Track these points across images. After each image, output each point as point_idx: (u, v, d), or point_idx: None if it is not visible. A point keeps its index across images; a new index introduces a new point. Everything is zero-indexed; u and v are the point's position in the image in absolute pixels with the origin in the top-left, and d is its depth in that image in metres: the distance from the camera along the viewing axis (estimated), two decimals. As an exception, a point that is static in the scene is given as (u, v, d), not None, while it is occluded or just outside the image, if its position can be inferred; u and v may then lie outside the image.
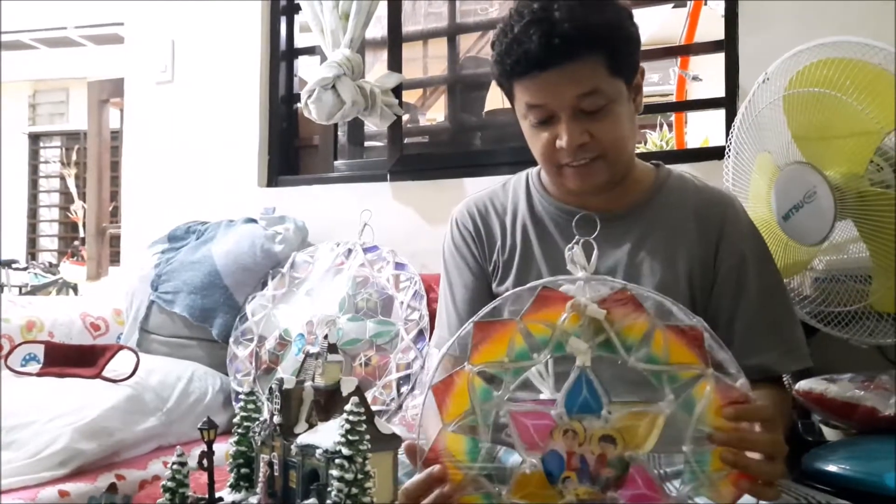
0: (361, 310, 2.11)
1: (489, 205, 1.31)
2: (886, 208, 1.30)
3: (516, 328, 0.93)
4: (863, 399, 1.50)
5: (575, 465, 0.90)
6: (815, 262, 1.54)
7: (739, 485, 0.88)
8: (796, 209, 1.39)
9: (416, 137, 2.88)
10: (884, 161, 1.36)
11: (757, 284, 1.19)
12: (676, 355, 0.90)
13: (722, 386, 0.89)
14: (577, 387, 0.90)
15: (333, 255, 2.26)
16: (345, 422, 0.71)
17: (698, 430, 0.89)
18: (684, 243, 1.20)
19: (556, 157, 1.18)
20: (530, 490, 0.92)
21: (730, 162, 1.61)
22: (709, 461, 0.89)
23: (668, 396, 0.89)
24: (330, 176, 2.62)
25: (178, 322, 2.30)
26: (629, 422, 0.89)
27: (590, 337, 0.90)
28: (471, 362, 0.94)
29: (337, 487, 0.70)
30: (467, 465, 0.94)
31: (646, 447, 0.89)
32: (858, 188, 1.33)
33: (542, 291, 0.93)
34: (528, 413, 0.92)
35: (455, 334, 0.96)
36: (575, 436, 0.90)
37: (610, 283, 0.93)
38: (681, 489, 0.90)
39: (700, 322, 0.90)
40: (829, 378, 1.60)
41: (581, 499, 0.90)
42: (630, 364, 0.90)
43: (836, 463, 1.39)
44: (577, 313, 0.90)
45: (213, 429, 0.85)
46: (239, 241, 2.31)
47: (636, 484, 0.89)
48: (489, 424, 0.94)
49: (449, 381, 0.95)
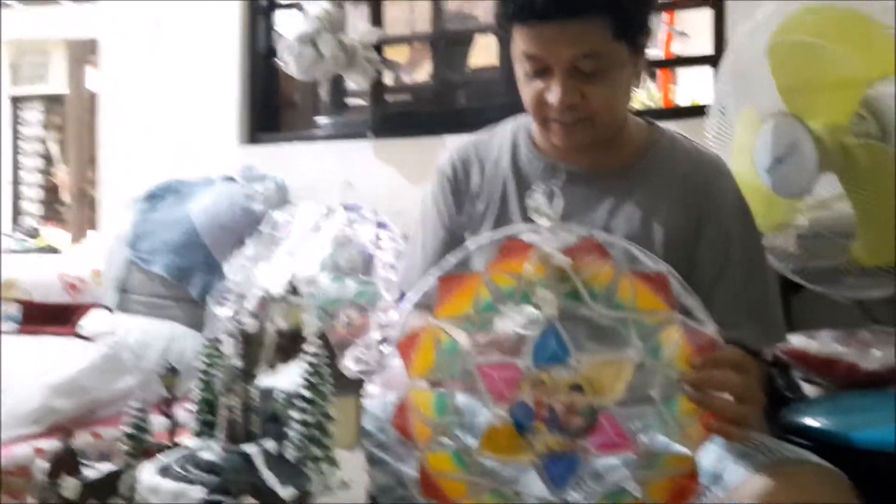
0: (342, 269, 2.09)
1: (473, 154, 1.28)
2: (870, 160, 1.28)
3: (481, 280, 0.91)
4: (843, 355, 1.50)
5: (544, 416, 0.89)
6: (800, 219, 1.53)
7: (707, 425, 0.87)
8: (779, 162, 1.37)
9: (399, 95, 2.83)
10: (868, 112, 1.33)
11: (739, 261, 1.16)
12: (643, 301, 0.88)
13: (690, 331, 0.88)
14: (544, 337, 0.88)
15: (314, 215, 2.23)
16: (306, 364, 0.69)
17: (666, 375, 0.88)
18: (665, 209, 1.17)
19: (544, 110, 1.15)
20: (500, 443, 0.91)
21: (714, 116, 1.58)
22: (678, 407, 0.88)
23: (636, 343, 0.88)
24: (311, 134, 2.58)
25: (156, 282, 2.27)
26: (597, 370, 0.88)
27: (556, 287, 0.89)
28: (436, 316, 0.92)
29: (298, 430, 0.68)
30: (434, 421, 0.92)
31: (614, 395, 0.88)
32: (842, 140, 1.30)
33: (506, 242, 0.91)
34: (496, 365, 0.91)
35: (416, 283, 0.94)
36: (543, 386, 0.88)
37: (575, 231, 0.91)
38: (649, 435, 0.90)
39: (667, 268, 0.89)
40: (810, 334, 1.59)
41: (551, 449, 0.89)
42: (596, 312, 0.88)
43: (814, 417, 1.39)
44: (542, 263, 0.88)
45: (174, 374, 0.82)
46: (217, 200, 2.28)
47: (605, 432, 0.88)
48: (456, 378, 0.92)
49: (413, 336, 0.93)
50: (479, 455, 0.92)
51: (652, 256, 0.90)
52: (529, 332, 0.88)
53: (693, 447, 0.88)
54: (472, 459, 0.92)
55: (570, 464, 0.89)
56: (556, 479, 0.90)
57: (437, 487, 0.94)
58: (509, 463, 0.94)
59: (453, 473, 0.93)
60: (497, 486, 0.93)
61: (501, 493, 0.93)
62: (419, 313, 0.96)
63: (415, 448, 0.94)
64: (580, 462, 0.89)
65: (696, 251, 1.16)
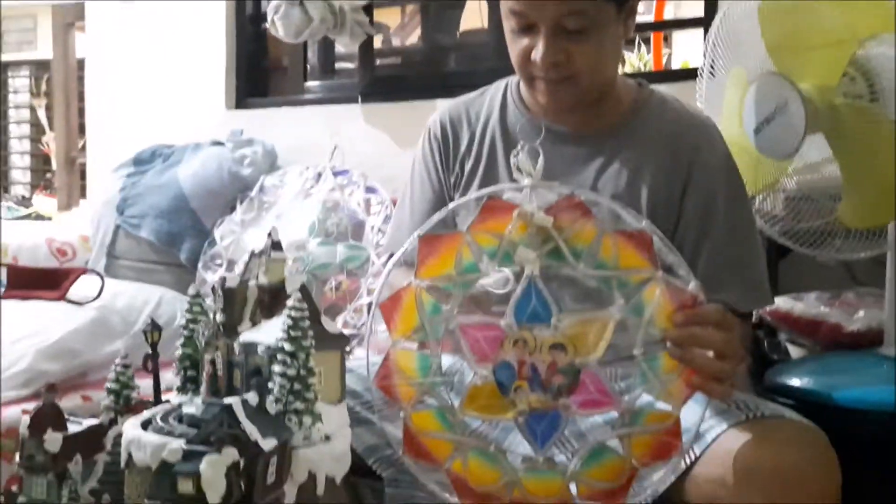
0: (332, 234, 2.08)
1: (463, 113, 1.28)
2: (858, 121, 1.27)
3: (463, 240, 0.91)
4: (827, 316, 1.51)
5: (526, 375, 0.89)
6: (788, 181, 1.52)
7: (689, 381, 0.88)
8: (767, 122, 1.36)
9: (388, 59, 2.81)
10: (857, 73, 1.33)
11: (725, 223, 1.16)
12: (625, 259, 0.88)
13: (672, 289, 0.88)
14: (525, 296, 0.89)
15: (303, 179, 2.22)
16: (287, 318, 0.69)
17: (649, 333, 0.88)
18: (652, 170, 1.17)
19: (529, 68, 1.14)
20: (482, 402, 0.91)
21: (704, 78, 1.57)
22: (660, 365, 0.89)
23: (618, 301, 0.88)
24: (299, 98, 2.56)
25: (145, 247, 2.26)
26: (579, 329, 0.88)
27: (538, 246, 0.89)
28: (418, 277, 0.92)
29: (279, 383, 0.68)
30: (418, 381, 0.93)
31: (596, 353, 0.88)
32: (831, 100, 1.30)
33: (487, 201, 0.91)
34: (478, 325, 0.91)
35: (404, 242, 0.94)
36: (525, 345, 0.89)
37: (557, 189, 0.90)
38: (632, 392, 0.90)
39: (649, 225, 0.89)
40: (796, 296, 1.60)
41: (533, 407, 0.90)
42: (579, 271, 0.88)
43: (798, 377, 1.40)
44: (524, 222, 0.88)
45: (157, 331, 0.82)
46: (205, 164, 2.26)
47: (588, 390, 0.89)
48: (439, 339, 0.92)
49: (396, 297, 0.93)
50: (462, 414, 0.93)
51: (634, 214, 0.90)
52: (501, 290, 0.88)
53: (676, 404, 0.89)
54: (455, 419, 0.93)
55: (552, 422, 0.90)
56: (538, 438, 0.91)
57: (420, 446, 0.95)
58: (492, 421, 0.95)
59: (437, 433, 0.94)
60: (481, 445, 0.94)
61: (485, 453, 0.94)
62: (402, 273, 0.96)
63: (399, 408, 0.95)
64: (562, 420, 0.90)
65: (682, 212, 1.16)
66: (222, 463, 0.59)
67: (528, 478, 0.92)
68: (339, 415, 0.75)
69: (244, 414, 0.64)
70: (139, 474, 0.68)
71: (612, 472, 0.90)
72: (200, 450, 0.61)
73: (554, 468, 0.91)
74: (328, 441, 0.71)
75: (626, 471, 0.90)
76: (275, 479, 0.65)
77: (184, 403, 0.77)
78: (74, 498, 0.68)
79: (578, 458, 0.91)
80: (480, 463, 0.94)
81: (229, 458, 0.59)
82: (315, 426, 0.70)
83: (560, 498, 0.92)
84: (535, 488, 0.92)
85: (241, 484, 0.61)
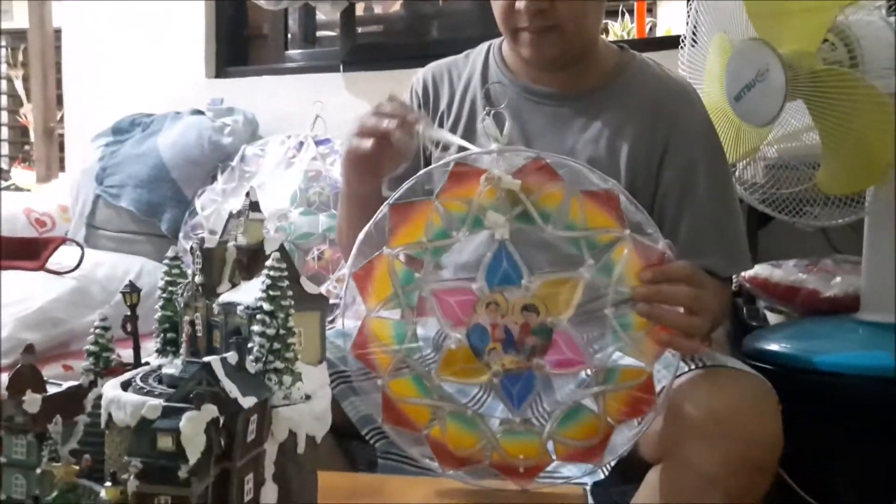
0: (314, 203, 2.08)
1: (446, 73, 1.29)
2: (837, 87, 1.28)
3: (433, 207, 0.91)
4: (805, 282, 1.52)
5: (499, 337, 0.90)
6: (768, 149, 1.53)
7: (658, 338, 0.89)
8: (748, 89, 1.36)
9: (370, 26, 2.79)
10: (838, 39, 1.33)
11: (705, 188, 1.17)
12: (593, 220, 0.89)
13: (640, 247, 0.89)
14: (496, 260, 0.89)
15: (284, 149, 2.21)
16: (266, 277, 0.69)
17: (619, 292, 0.89)
18: (632, 134, 1.17)
19: (513, 19, 1.15)
20: (458, 366, 0.92)
21: (686, 45, 1.57)
22: (631, 323, 0.90)
23: (588, 262, 0.89)
24: (280, 67, 2.54)
25: (125, 217, 2.25)
26: (550, 289, 0.89)
27: (507, 210, 0.89)
28: (389, 245, 0.92)
29: (258, 343, 0.68)
30: (394, 349, 0.94)
31: (567, 312, 0.89)
32: (811, 66, 1.30)
33: (455, 167, 0.91)
34: (451, 290, 0.92)
35: None
36: (497, 308, 0.90)
37: (524, 153, 0.90)
38: (605, 351, 0.91)
39: (615, 185, 0.89)
40: (775, 263, 1.62)
41: (507, 368, 0.91)
42: (548, 233, 0.89)
43: (775, 343, 1.42)
44: (492, 186, 0.88)
45: (136, 293, 0.82)
46: (185, 133, 2.24)
47: (560, 349, 0.90)
48: (413, 307, 0.93)
49: (369, 266, 0.93)
50: (438, 379, 0.94)
51: (600, 175, 0.90)
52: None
53: (648, 361, 0.90)
54: (432, 384, 0.94)
55: (527, 383, 0.91)
56: (514, 399, 0.92)
57: (400, 413, 0.96)
58: (468, 385, 0.96)
59: (415, 398, 0.95)
60: (458, 409, 0.95)
61: (463, 417, 0.95)
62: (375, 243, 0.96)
63: (376, 376, 0.95)
64: (537, 381, 0.91)
65: (662, 177, 1.17)
66: (202, 419, 0.59)
67: (505, 440, 0.93)
68: (319, 375, 0.75)
69: (223, 372, 0.63)
70: (119, 434, 0.68)
71: (589, 431, 0.91)
72: (180, 407, 0.61)
73: (531, 429, 0.92)
74: (308, 400, 0.71)
75: (602, 429, 0.91)
76: (255, 437, 0.66)
77: (164, 365, 0.77)
78: (55, 458, 0.68)
79: (555, 418, 0.92)
80: (458, 427, 0.95)
81: (209, 415, 0.59)
82: (295, 385, 0.70)
83: (538, 459, 0.93)
84: (513, 450, 0.93)
85: (220, 441, 0.61)
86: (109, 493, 0.61)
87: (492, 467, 0.94)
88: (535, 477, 0.94)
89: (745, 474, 0.91)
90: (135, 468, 0.59)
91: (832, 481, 1.37)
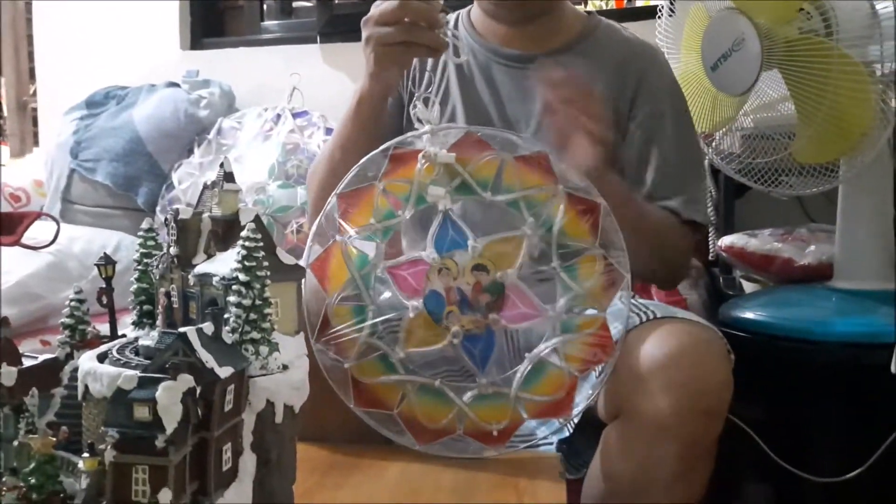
0: (292, 176, 2.07)
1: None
2: (812, 55, 1.29)
3: (377, 191, 0.97)
4: (780, 251, 1.54)
5: (454, 299, 0.95)
6: (745, 119, 1.54)
7: None
8: (724, 58, 1.37)
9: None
10: (813, 8, 1.33)
11: (671, 135, 1.21)
12: (528, 181, 0.95)
13: (574, 199, 0.95)
14: (443, 229, 0.95)
15: (261, 121, 2.19)
16: (241, 248, 0.69)
17: (561, 244, 0.95)
18: (606, 91, 1.20)
19: None
20: (420, 335, 0.95)
21: (664, 16, 1.57)
22: (578, 272, 0.94)
23: (529, 220, 0.94)
24: (257, 38, 2.52)
25: (101, 191, 2.22)
26: (496, 249, 0.94)
27: (446, 183, 0.95)
28: (341, 233, 0.97)
29: (235, 313, 0.68)
30: (357, 328, 0.96)
31: (514, 266, 0.94)
32: (786, 35, 1.31)
33: (394, 151, 0.97)
34: (404, 264, 0.96)
35: None
36: (449, 272, 0.95)
37: (455, 129, 0.97)
38: (558, 302, 0.95)
39: (543, 148, 0.96)
40: (751, 233, 1.64)
41: (466, 329, 0.94)
42: (488, 199, 0.95)
43: (750, 310, 1.44)
44: (429, 163, 0.94)
45: (111, 265, 0.82)
46: (161, 106, 2.21)
47: (514, 304, 0.94)
48: (371, 288, 0.97)
49: (325, 256, 0.97)
50: (403, 352, 0.96)
51: (528, 139, 0.98)
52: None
53: (601, 307, 0.95)
54: (398, 359, 0.96)
55: (487, 342, 0.95)
56: (476, 360, 0.95)
57: (370, 395, 0.98)
58: (432, 352, 0.98)
59: (384, 377, 0.97)
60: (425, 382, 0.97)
61: (430, 390, 0.97)
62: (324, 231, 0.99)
63: (343, 361, 0.97)
64: (496, 339, 0.95)
65: (629, 126, 1.21)
66: (178, 389, 0.59)
67: (475, 406, 0.95)
68: (296, 345, 0.75)
69: (199, 343, 0.63)
70: (96, 406, 0.68)
71: (554, 386, 0.95)
72: (156, 377, 0.61)
73: (499, 392, 0.95)
74: (286, 370, 0.72)
75: (566, 382, 0.94)
76: (232, 407, 0.66)
77: (140, 337, 0.77)
78: (32, 430, 0.68)
79: (520, 376, 0.94)
80: (427, 401, 0.97)
81: (185, 385, 0.59)
82: (272, 356, 0.70)
83: (510, 421, 0.95)
84: (484, 416, 0.95)
85: (197, 411, 0.61)
86: (87, 463, 0.61)
87: (466, 435, 0.96)
88: (510, 439, 0.96)
89: (696, 420, 0.91)
90: (112, 438, 0.59)
91: (806, 446, 1.40)
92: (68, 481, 0.65)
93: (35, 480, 0.60)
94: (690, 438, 0.92)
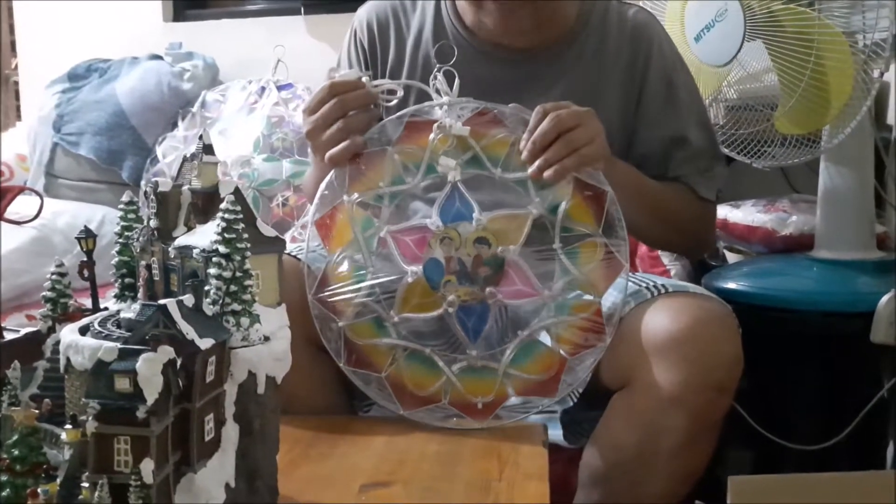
0: (277, 150, 2.05)
1: (392, 17, 1.21)
2: (794, 25, 1.29)
3: (388, 156, 0.97)
4: (763, 222, 1.55)
5: (454, 268, 0.96)
6: (729, 90, 1.54)
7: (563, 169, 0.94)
8: (707, 29, 1.37)
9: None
10: (797, -22, 1.33)
11: (686, 106, 1.20)
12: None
13: (581, 184, 0.95)
14: (450, 200, 0.96)
15: (246, 94, 2.17)
16: (221, 220, 0.69)
17: (565, 227, 0.95)
18: (612, 76, 1.17)
19: None
20: (416, 301, 0.96)
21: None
22: (579, 256, 0.94)
23: (535, 199, 0.95)
24: (240, 10, 2.48)
25: (85, 165, 2.21)
26: (500, 224, 0.95)
27: (458, 155, 0.96)
28: (349, 193, 0.97)
29: (215, 285, 0.69)
30: (354, 288, 0.96)
31: (517, 243, 0.95)
32: (769, 6, 1.31)
33: (410, 120, 0.97)
34: (406, 230, 0.97)
35: None
36: (451, 242, 0.96)
37: (473, 104, 0.97)
38: (555, 284, 0.95)
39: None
40: (734, 204, 1.65)
41: (463, 299, 0.95)
42: (497, 176, 0.96)
43: (733, 280, 1.45)
44: (444, 134, 0.95)
45: (92, 238, 0.82)
46: (144, 79, 2.19)
47: (512, 280, 0.95)
48: (373, 252, 0.97)
49: (331, 215, 0.98)
50: (398, 315, 0.97)
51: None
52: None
53: (597, 293, 0.96)
54: (392, 324, 0.97)
55: (481, 315, 0.96)
56: (469, 331, 0.96)
57: (360, 355, 0.99)
58: (423, 322, 0.99)
59: (376, 339, 0.98)
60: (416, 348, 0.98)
61: (420, 357, 0.98)
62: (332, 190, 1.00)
63: (337, 320, 0.98)
64: (490, 312, 0.96)
65: (641, 98, 1.18)
66: (158, 361, 0.59)
67: (463, 378, 0.96)
68: (277, 316, 0.76)
69: (180, 314, 0.64)
70: (78, 378, 0.69)
71: (543, 365, 0.95)
72: (137, 349, 0.61)
73: (487, 366, 0.95)
74: (267, 342, 0.72)
75: (555, 362, 0.95)
76: (214, 378, 0.66)
77: (122, 310, 0.77)
78: (14, 403, 0.68)
79: (510, 353, 0.95)
80: (416, 367, 0.98)
81: (165, 356, 0.60)
82: (253, 327, 0.71)
83: (496, 395, 0.96)
84: (471, 388, 0.96)
85: (179, 382, 0.62)
86: (70, 435, 0.62)
87: (450, 405, 0.97)
88: (494, 413, 0.97)
89: (706, 394, 0.93)
90: (93, 409, 0.60)
91: (786, 414, 1.42)
92: (52, 453, 0.66)
93: (18, 452, 0.60)
94: (699, 412, 0.93)
